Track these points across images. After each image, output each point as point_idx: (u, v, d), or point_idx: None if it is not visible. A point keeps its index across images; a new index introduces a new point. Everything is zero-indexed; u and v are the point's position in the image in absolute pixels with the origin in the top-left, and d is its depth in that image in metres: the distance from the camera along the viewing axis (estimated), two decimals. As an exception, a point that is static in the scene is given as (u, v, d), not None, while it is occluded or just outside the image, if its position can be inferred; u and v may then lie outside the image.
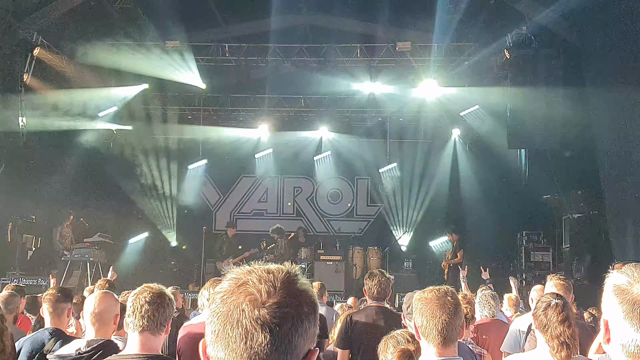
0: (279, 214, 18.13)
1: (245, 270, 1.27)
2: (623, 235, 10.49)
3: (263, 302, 1.19)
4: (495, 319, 5.63)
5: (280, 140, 17.19)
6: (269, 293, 1.20)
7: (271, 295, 1.20)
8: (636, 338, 1.44)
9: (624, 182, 10.61)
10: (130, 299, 2.99)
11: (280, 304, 1.19)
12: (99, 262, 13.18)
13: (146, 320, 2.90)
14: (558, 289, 4.74)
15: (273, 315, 1.18)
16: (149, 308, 2.92)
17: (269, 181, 18.02)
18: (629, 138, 10.52)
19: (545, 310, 3.17)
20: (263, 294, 1.20)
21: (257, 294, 1.20)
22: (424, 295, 2.67)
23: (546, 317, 3.14)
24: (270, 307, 1.18)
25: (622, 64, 10.62)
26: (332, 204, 18.12)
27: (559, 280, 4.94)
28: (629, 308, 1.46)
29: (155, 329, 2.93)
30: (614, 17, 10.66)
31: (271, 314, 1.18)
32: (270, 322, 1.17)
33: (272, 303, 1.19)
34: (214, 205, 18.19)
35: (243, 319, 1.18)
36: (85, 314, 3.48)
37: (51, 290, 4.22)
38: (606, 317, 1.54)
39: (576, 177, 13.24)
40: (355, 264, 15.05)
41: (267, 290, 1.20)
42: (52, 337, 3.97)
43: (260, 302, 1.19)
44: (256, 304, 1.19)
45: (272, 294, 1.20)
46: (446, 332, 2.57)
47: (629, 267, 1.53)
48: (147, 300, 2.94)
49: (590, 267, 12.32)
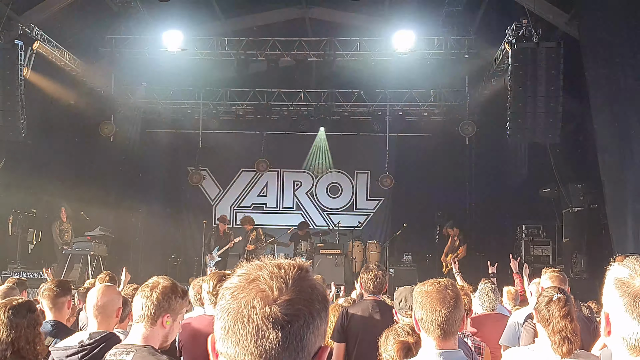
0: (279, 208, 18.15)
1: (255, 265, 1.25)
2: (623, 229, 10.50)
3: (275, 298, 1.17)
4: (495, 312, 5.64)
5: (280, 133, 17.18)
6: (281, 290, 1.18)
7: (283, 292, 1.18)
8: (637, 331, 1.44)
9: (623, 176, 10.61)
10: (138, 291, 3.01)
11: (292, 301, 1.17)
12: (100, 256, 13.22)
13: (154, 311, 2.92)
14: (553, 281, 4.76)
15: (285, 313, 1.16)
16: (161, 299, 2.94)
17: (269, 175, 18.02)
18: (629, 131, 10.52)
19: (548, 305, 3.18)
20: (275, 290, 1.18)
21: (269, 290, 1.18)
22: (424, 289, 2.68)
23: (548, 312, 3.15)
24: (282, 304, 1.17)
25: (623, 58, 10.61)
26: (331, 198, 18.12)
27: (553, 272, 4.96)
28: (630, 301, 1.46)
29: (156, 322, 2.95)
30: (615, 10, 10.64)
31: (283, 311, 1.16)
32: (282, 319, 1.16)
33: (283, 300, 1.17)
34: (213, 199, 18.20)
35: (254, 316, 1.16)
36: (88, 306, 3.50)
37: (49, 286, 4.22)
38: (607, 309, 1.54)
39: (576, 171, 13.26)
40: (354, 257, 15.07)
41: (278, 287, 1.18)
42: (53, 330, 4.00)
43: (272, 299, 1.17)
44: (268, 300, 1.17)
45: (283, 290, 1.18)
46: (446, 326, 2.57)
47: (630, 259, 1.53)
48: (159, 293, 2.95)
49: (590, 261, 12.35)
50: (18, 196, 13.26)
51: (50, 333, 3.94)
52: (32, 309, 3.38)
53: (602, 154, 11.01)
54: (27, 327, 3.24)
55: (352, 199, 18.13)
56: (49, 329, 3.99)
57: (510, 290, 6.89)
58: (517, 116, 12.51)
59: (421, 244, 16.06)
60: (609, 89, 10.91)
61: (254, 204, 18.22)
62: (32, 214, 14.07)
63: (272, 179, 18.22)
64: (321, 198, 18.13)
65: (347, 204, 18.13)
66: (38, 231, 14.12)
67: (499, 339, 4.82)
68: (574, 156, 13.31)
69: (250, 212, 17.78)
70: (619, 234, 10.65)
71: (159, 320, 2.94)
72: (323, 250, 14.57)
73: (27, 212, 13.78)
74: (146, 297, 2.95)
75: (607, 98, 10.94)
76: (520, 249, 13.99)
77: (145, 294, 2.96)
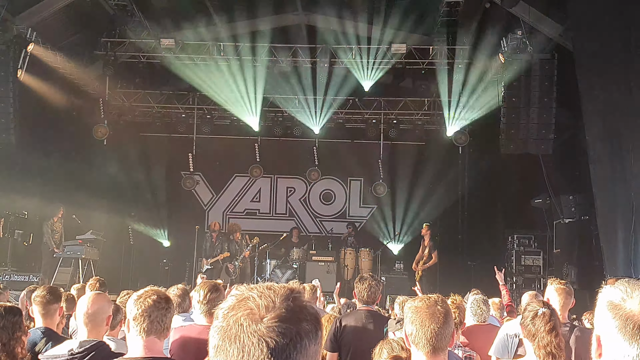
0: (272, 214, 18.14)
1: (249, 287, 1.27)
2: (613, 241, 10.54)
3: (261, 316, 1.18)
4: (487, 323, 5.65)
5: (274, 140, 17.18)
6: (268, 308, 1.20)
7: (269, 310, 1.19)
8: (629, 354, 1.45)
9: (615, 187, 10.67)
10: (135, 301, 2.97)
11: (279, 319, 1.18)
12: (91, 260, 13.15)
13: (155, 325, 2.91)
14: (559, 294, 4.68)
15: (271, 330, 1.17)
16: (158, 313, 2.92)
17: (262, 181, 18.01)
18: (622, 144, 10.58)
19: (533, 320, 3.21)
20: (262, 308, 1.20)
21: (256, 308, 1.20)
22: (414, 304, 2.70)
23: (534, 327, 3.17)
24: (269, 322, 1.18)
25: (616, 70, 10.69)
26: (324, 205, 18.13)
27: (559, 285, 4.79)
28: (621, 323, 1.47)
29: (161, 334, 2.95)
30: (609, 23, 10.73)
31: (269, 329, 1.17)
32: (267, 336, 1.16)
33: (270, 318, 1.18)
34: (206, 205, 18.17)
35: (241, 334, 1.17)
36: (78, 314, 3.48)
37: (41, 292, 4.18)
38: (598, 332, 1.55)
39: (568, 182, 13.33)
40: (346, 265, 15.07)
41: (265, 305, 1.20)
42: (43, 337, 3.97)
43: (259, 317, 1.18)
44: (254, 318, 1.18)
45: (270, 308, 1.20)
46: (435, 341, 2.59)
47: (622, 282, 1.54)
48: (155, 304, 2.94)
49: (581, 272, 12.41)
50: (9, 198, 13.19)
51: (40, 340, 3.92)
52: (13, 313, 3.35)
53: (593, 165, 11.07)
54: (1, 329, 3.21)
55: (345, 206, 18.14)
56: (39, 336, 3.97)
57: (494, 302, 6.87)
58: (510, 127, 12.59)
59: (413, 253, 16.05)
60: (602, 101, 10.97)
61: (246, 210, 18.19)
62: (24, 216, 13.99)
63: (265, 185, 18.21)
64: (314, 205, 18.13)
65: (340, 211, 18.14)
66: (29, 233, 14.04)
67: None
68: (566, 167, 13.38)
69: (243, 218, 17.79)
70: (610, 245, 10.69)
71: (166, 332, 2.99)
72: (315, 257, 14.58)
73: (18, 214, 13.71)
74: (151, 308, 2.93)
75: (600, 110, 11.00)
76: (511, 258, 14.02)
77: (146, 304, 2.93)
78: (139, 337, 2.90)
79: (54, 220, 13.64)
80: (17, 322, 3.31)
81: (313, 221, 18.06)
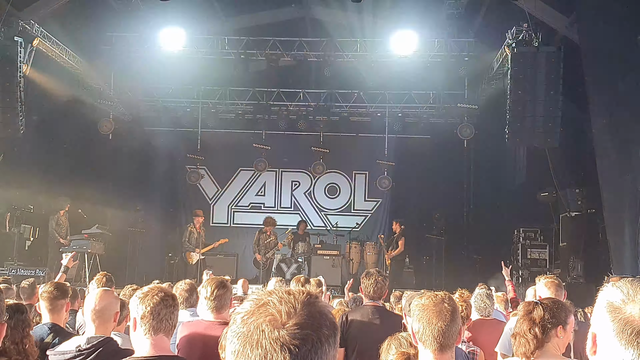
0: (277, 208, 18.14)
1: (267, 291, 1.29)
2: (620, 234, 10.52)
3: (283, 323, 1.20)
4: (491, 318, 5.65)
5: (279, 133, 17.16)
6: (289, 314, 1.21)
7: (291, 317, 1.21)
8: (623, 357, 1.45)
9: (621, 180, 10.63)
10: (141, 300, 2.94)
11: (300, 325, 1.20)
12: (97, 254, 13.19)
13: (164, 323, 2.91)
14: (548, 287, 4.74)
15: (293, 337, 1.18)
16: (166, 311, 2.93)
17: (267, 175, 18.01)
18: (627, 137, 10.54)
19: None
20: (283, 315, 1.21)
21: (277, 314, 1.21)
22: (421, 302, 2.70)
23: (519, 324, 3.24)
24: (290, 328, 1.19)
25: (622, 63, 10.63)
26: (329, 199, 18.13)
27: (548, 279, 4.92)
28: (619, 327, 1.46)
29: (169, 331, 2.96)
30: (615, 15, 10.66)
31: (291, 335, 1.19)
32: (289, 343, 1.18)
33: (292, 324, 1.20)
34: (211, 199, 18.19)
35: (263, 340, 1.18)
36: (86, 310, 3.50)
37: (48, 288, 4.20)
38: (595, 330, 1.54)
39: (574, 175, 13.28)
40: (352, 258, 15.09)
41: (287, 311, 1.22)
42: (50, 333, 4.00)
43: (280, 323, 1.20)
44: (276, 324, 1.20)
45: (292, 315, 1.21)
46: (442, 339, 2.59)
47: (625, 283, 1.52)
48: (163, 302, 2.93)
49: (587, 265, 12.39)
50: (15, 192, 13.23)
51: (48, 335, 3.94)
52: (21, 311, 3.38)
53: (600, 158, 11.03)
54: (13, 328, 3.23)
55: (350, 199, 18.13)
56: (46, 332, 3.99)
57: (498, 295, 6.90)
58: (516, 120, 12.51)
59: (418, 247, 16.06)
60: (608, 94, 10.92)
61: (251, 204, 18.22)
62: (30, 210, 14.03)
63: (270, 179, 18.22)
64: (319, 198, 18.13)
65: (345, 204, 18.13)
66: (35, 228, 14.09)
67: (495, 344, 4.82)
68: (573, 160, 13.33)
69: (248, 212, 17.83)
70: (616, 239, 10.68)
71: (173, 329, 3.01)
72: (320, 251, 14.59)
73: (24, 208, 13.75)
74: (160, 307, 2.92)
75: (606, 103, 10.96)
76: (517, 252, 14.00)
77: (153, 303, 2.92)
78: (147, 335, 2.89)
79: (60, 214, 13.69)
80: (25, 319, 3.34)
81: (318, 215, 18.06)
